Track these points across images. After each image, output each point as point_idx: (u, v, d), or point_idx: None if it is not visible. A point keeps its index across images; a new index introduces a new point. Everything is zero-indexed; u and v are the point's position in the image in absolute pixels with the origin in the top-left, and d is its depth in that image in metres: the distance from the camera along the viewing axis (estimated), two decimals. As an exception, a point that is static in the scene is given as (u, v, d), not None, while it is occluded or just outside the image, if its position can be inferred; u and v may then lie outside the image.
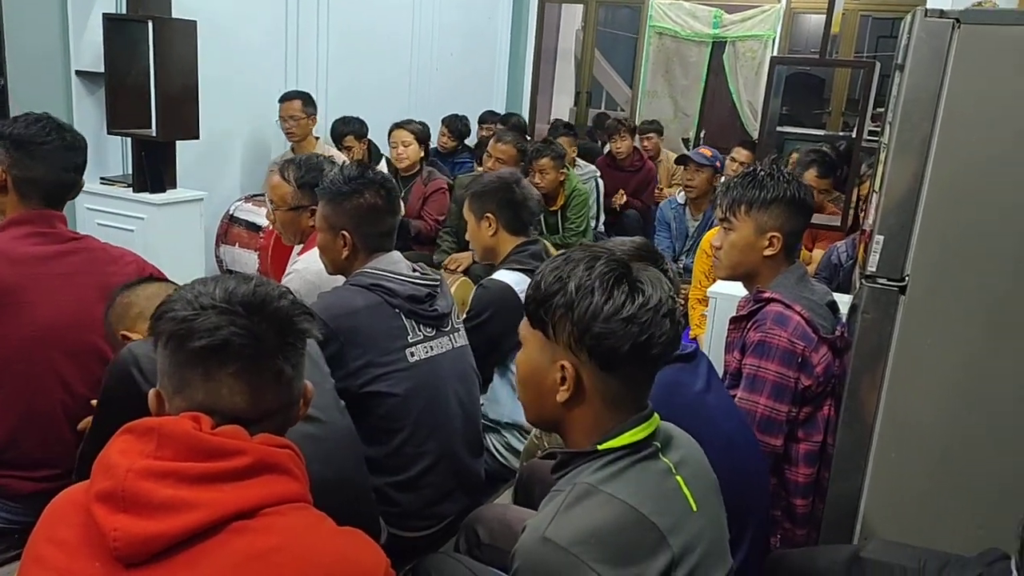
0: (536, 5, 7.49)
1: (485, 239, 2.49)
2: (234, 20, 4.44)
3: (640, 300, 1.10)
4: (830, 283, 3.15)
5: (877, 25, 7.50)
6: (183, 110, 3.56)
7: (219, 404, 1.00)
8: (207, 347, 0.98)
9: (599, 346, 1.09)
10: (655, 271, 1.17)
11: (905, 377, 1.68)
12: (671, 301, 1.14)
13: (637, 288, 1.11)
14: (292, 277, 2.35)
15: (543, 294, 1.14)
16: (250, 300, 1.02)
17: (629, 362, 1.11)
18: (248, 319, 1.00)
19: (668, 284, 1.16)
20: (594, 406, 1.14)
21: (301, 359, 1.06)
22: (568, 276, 1.12)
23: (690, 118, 7.09)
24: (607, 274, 1.11)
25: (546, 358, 1.15)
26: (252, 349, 0.99)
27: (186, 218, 3.72)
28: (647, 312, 1.09)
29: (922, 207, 1.60)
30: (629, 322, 1.09)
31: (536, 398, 1.19)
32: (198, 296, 1.01)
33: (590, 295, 1.10)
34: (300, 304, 1.07)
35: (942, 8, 1.54)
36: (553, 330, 1.13)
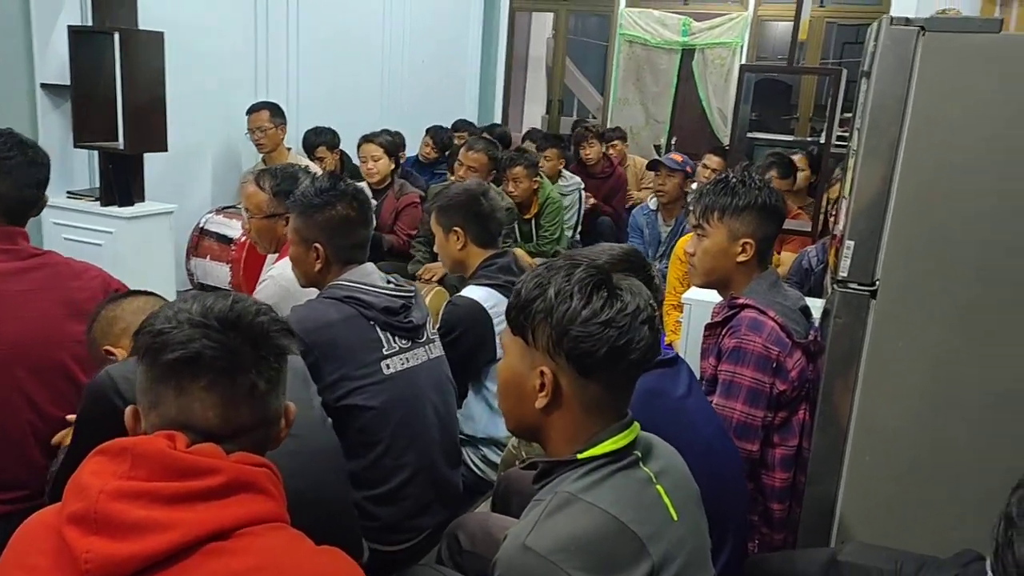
0: (507, 14, 7.51)
1: (454, 253, 2.46)
2: (202, 31, 4.40)
3: (618, 305, 1.11)
4: (802, 287, 3.18)
5: (842, 32, 7.62)
6: (151, 122, 3.52)
7: (192, 420, 0.99)
8: (179, 359, 0.97)
9: (576, 350, 1.10)
10: (635, 280, 1.18)
11: (877, 381, 1.70)
12: (650, 308, 1.15)
13: (616, 294, 1.12)
14: (267, 283, 2.34)
15: (523, 300, 1.15)
16: (226, 315, 1.01)
17: (607, 367, 1.11)
18: (222, 333, 1.00)
19: (648, 293, 1.17)
20: (573, 413, 1.14)
21: (277, 375, 1.05)
22: (548, 282, 1.13)
23: (661, 125, 7.15)
24: (586, 280, 1.12)
25: (526, 364, 1.16)
26: (224, 362, 0.99)
27: (155, 231, 3.68)
28: (625, 317, 1.11)
29: (891, 212, 1.62)
30: (607, 326, 1.09)
31: (516, 405, 1.19)
32: (177, 312, 1.02)
33: (568, 300, 1.11)
34: (278, 320, 1.07)
35: (907, 16, 1.57)
36: (532, 336, 1.14)
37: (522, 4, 7.67)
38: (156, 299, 1.71)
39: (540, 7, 7.96)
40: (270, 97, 4.70)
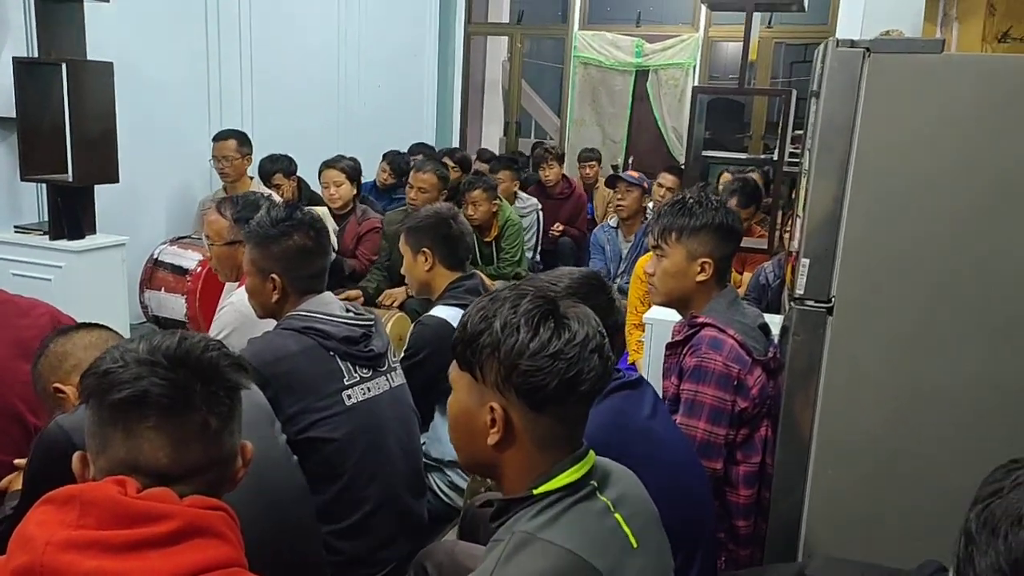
0: (462, 38, 7.56)
1: (421, 274, 2.48)
2: (154, 59, 4.36)
3: (567, 336, 1.09)
4: (760, 303, 3.22)
5: (790, 51, 7.79)
6: (101, 153, 3.46)
7: (141, 461, 0.96)
8: (126, 399, 0.95)
9: (526, 384, 1.08)
10: (583, 307, 1.16)
11: (837, 396, 1.72)
12: (600, 337, 1.13)
13: (563, 324, 1.10)
14: (226, 310, 2.30)
15: (469, 334, 1.12)
16: (173, 352, 0.99)
17: (558, 400, 1.09)
18: (170, 370, 0.97)
19: (597, 320, 1.15)
20: (526, 448, 1.12)
21: (229, 412, 1.03)
22: (494, 315, 1.11)
23: (618, 144, 7.23)
24: (533, 311, 1.10)
25: (475, 400, 1.13)
26: (172, 400, 0.96)
27: (107, 264, 3.60)
28: (574, 348, 1.09)
29: (844, 229, 1.65)
30: (555, 358, 1.07)
31: (468, 442, 1.16)
32: (124, 352, 0.99)
33: (516, 332, 1.08)
34: (229, 355, 1.04)
35: (852, 39, 1.60)
36: (480, 371, 1.11)
37: (477, 29, 7.73)
38: (108, 333, 1.66)
39: (495, 31, 8.03)
40: (224, 124, 4.65)
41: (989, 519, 0.78)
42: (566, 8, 7.31)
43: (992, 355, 1.61)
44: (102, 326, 1.70)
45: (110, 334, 1.66)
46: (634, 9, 7.29)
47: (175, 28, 4.55)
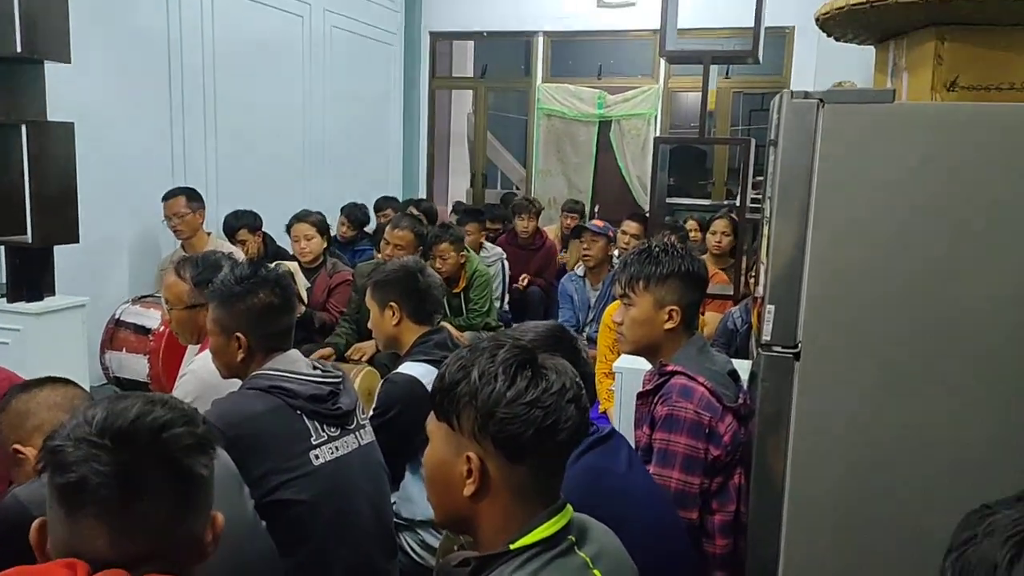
0: (427, 91, 7.65)
1: (388, 328, 2.45)
2: (116, 118, 4.34)
3: (543, 385, 1.09)
4: (728, 348, 3.24)
5: (749, 100, 8.01)
6: (61, 214, 3.41)
7: (82, 549, 0.91)
8: (65, 485, 0.91)
9: (502, 432, 1.07)
10: (560, 359, 1.17)
11: (808, 441, 1.72)
12: (576, 387, 1.13)
13: (540, 373, 1.11)
14: (187, 378, 2.25)
15: (447, 384, 1.12)
16: (126, 429, 0.93)
17: (535, 450, 1.09)
18: (116, 452, 0.91)
19: (574, 372, 1.16)
20: (502, 500, 1.11)
21: (185, 499, 0.97)
22: (472, 364, 1.11)
23: (583, 194, 7.32)
24: (510, 360, 1.10)
25: (451, 451, 1.12)
26: (112, 490, 0.91)
27: (67, 326, 3.52)
28: (551, 396, 1.09)
29: (807, 275, 1.67)
30: (532, 406, 1.07)
31: (444, 495, 1.15)
32: (76, 426, 0.94)
33: (493, 381, 1.08)
34: (194, 434, 0.98)
35: (806, 90, 1.65)
36: (458, 420, 1.11)
37: (441, 83, 7.83)
38: (74, 390, 1.60)
39: (459, 85, 8.14)
40: (188, 181, 4.63)
41: (965, 567, 0.77)
42: (529, 62, 7.45)
43: (960, 396, 1.63)
44: (68, 382, 1.64)
45: (76, 391, 1.60)
46: (595, 62, 7.45)
47: (138, 86, 4.56)
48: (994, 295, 1.59)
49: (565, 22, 7.11)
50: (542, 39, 7.28)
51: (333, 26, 6.31)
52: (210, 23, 5.02)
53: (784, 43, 6.52)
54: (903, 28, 1.75)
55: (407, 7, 7.39)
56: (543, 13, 7.11)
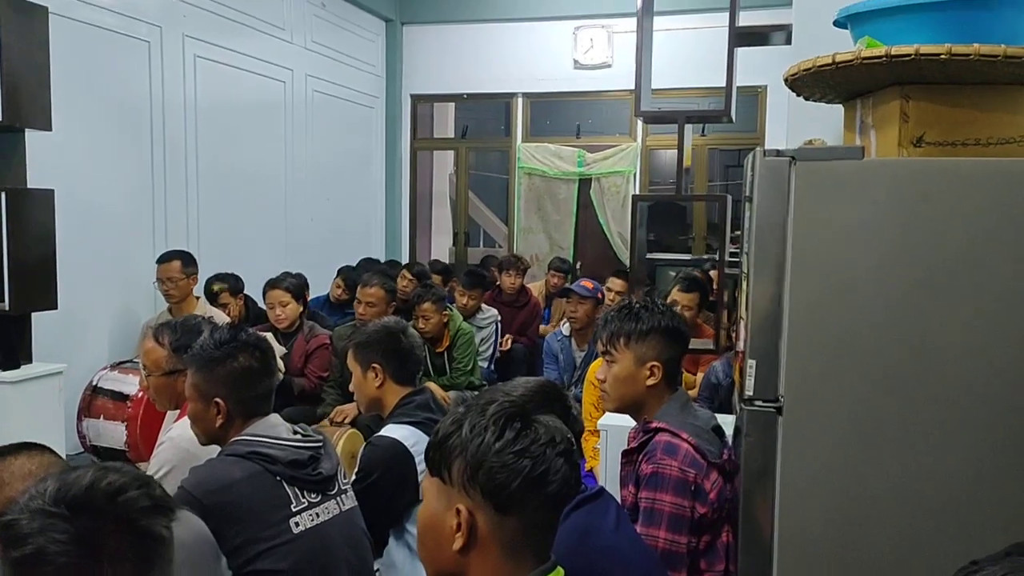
0: (408, 152, 7.75)
1: (371, 390, 2.42)
2: (96, 184, 4.35)
3: (532, 436, 1.11)
4: (712, 403, 3.23)
5: (725, 155, 8.15)
6: (40, 281, 3.39)
7: None
8: (20, 559, 0.88)
9: (491, 482, 1.08)
10: (552, 417, 1.17)
11: (794, 496, 1.70)
12: (567, 442, 1.14)
13: (530, 425, 1.12)
14: (165, 446, 2.20)
15: (440, 438, 1.14)
16: (81, 495, 0.91)
17: (524, 501, 1.09)
18: (72, 520, 0.90)
19: (564, 428, 1.17)
20: (493, 556, 1.10)
21: (146, 559, 0.95)
22: (464, 419, 1.13)
23: (565, 250, 7.37)
24: (499, 413, 1.12)
25: (442, 505, 1.12)
26: (70, 556, 0.89)
27: (43, 394, 3.46)
28: (539, 447, 1.10)
29: (786, 329, 1.68)
30: (520, 456, 1.08)
31: (434, 550, 1.14)
32: (32, 497, 0.92)
33: (483, 433, 1.10)
34: (153, 496, 0.97)
35: (778, 148, 1.68)
36: (448, 473, 1.12)
37: (423, 144, 7.94)
38: (50, 458, 1.55)
39: (440, 146, 8.26)
40: (170, 244, 4.62)
41: (954, 623, 0.76)
42: (509, 122, 7.58)
43: (944, 445, 1.63)
44: (45, 448, 1.60)
45: (52, 459, 1.55)
46: (574, 122, 7.59)
47: (120, 151, 4.58)
48: (970, 343, 1.60)
49: (543, 83, 7.26)
50: (521, 100, 7.42)
51: (315, 90, 6.41)
52: (192, 89, 5.08)
53: (757, 101, 6.69)
54: (869, 87, 1.80)
55: (388, 71, 7.53)
56: (522, 75, 7.27)
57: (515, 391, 1.63)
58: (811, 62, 1.74)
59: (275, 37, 5.89)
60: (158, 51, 4.81)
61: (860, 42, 1.75)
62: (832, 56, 1.69)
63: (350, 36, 6.92)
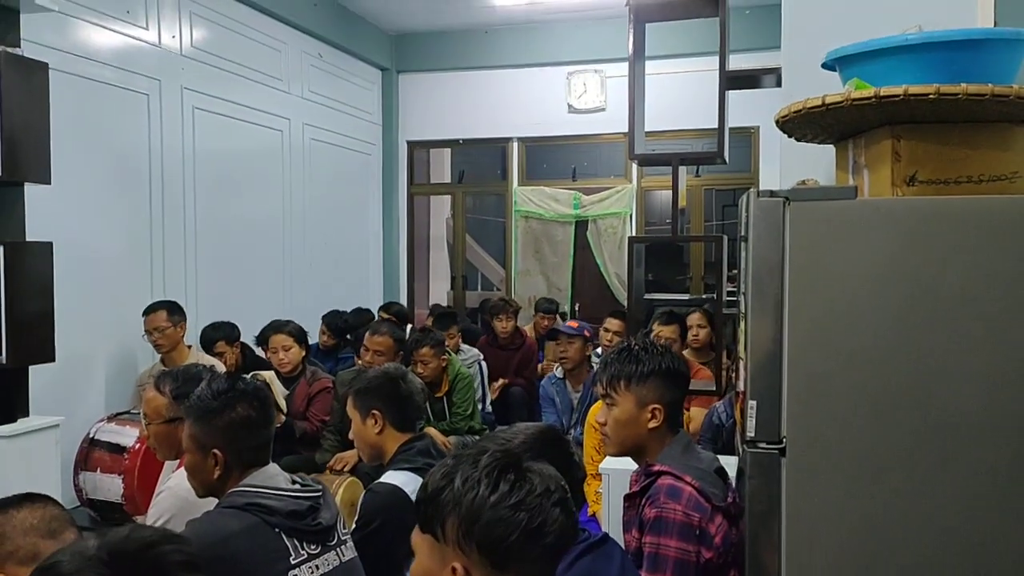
0: (405, 197, 7.80)
1: (371, 437, 2.41)
2: (94, 236, 4.37)
3: (527, 487, 1.08)
4: (715, 443, 3.21)
5: (721, 195, 8.21)
6: (37, 333, 3.37)
7: None
8: None
9: (488, 537, 1.05)
10: (545, 464, 1.15)
11: (801, 538, 1.68)
12: (562, 490, 1.12)
13: (524, 476, 1.10)
14: (164, 495, 2.18)
15: (430, 493, 1.11)
16: (120, 545, 0.96)
17: (521, 556, 1.06)
18: (111, 566, 0.94)
19: (558, 475, 1.15)
20: None
21: None
22: (455, 472, 1.10)
23: (563, 292, 7.38)
24: (492, 465, 1.10)
25: (436, 564, 1.09)
26: None
27: (39, 448, 3.42)
28: (535, 499, 1.08)
29: (786, 369, 1.67)
30: (516, 509, 1.06)
31: None
32: (75, 548, 0.97)
33: (476, 487, 1.08)
34: (184, 551, 0.99)
35: (772, 189, 1.69)
36: (442, 530, 1.09)
37: (419, 189, 8.00)
38: (53, 510, 1.53)
39: (437, 191, 8.32)
40: (168, 294, 4.63)
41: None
42: (505, 166, 7.65)
43: (950, 483, 1.61)
44: (48, 500, 1.58)
45: (54, 512, 1.53)
46: (569, 165, 7.66)
47: (118, 202, 4.61)
48: (970, 378, 1.59)
49: (538, 128, 7.34)
50: (517, 144, 7.50)
51: (312, 139, 6.48)
52: (191, 139, 5.13)
53: (750, 141, 6.76)
54: (859, 128, 1.82)
55: (385, 118, 7.61)
56: (517, 120, 7.35)
57: (516, 438, 1.63)
58: (801, 104, 1.77)
59: (273, 88, 5.97)
60: (157, 103, 4.87)
61: (849, 84, 1.77)
62: (822, 98, 1.71)
63: (347, 85, 7.02)
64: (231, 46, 5.48)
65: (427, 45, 7.50)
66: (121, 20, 4.61)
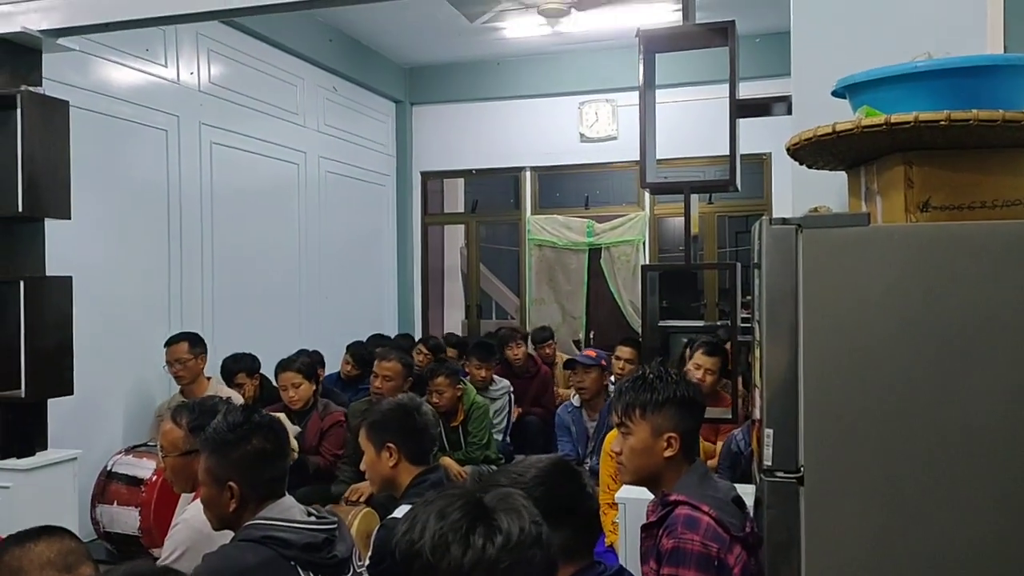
0: (419, 227, 7.85)
1: (385, 470, 2.39)
2: (113, 270, 4.42)
3: (501, 540, 1.05)
4: (733, 471, 3.18)
5: (734, 222, 8.20)
6: (56, 367, 3.40)
7: None
8: None
9: None
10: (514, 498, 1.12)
11: (821, 568, 1.66)
12: (535, 527, 1.09)
13: (493, 527, 1.06)
14: (180, 527, 2.18)
15: (401, 558, 1.07)
16: None
17: None
18: None
19: (533, 511, 1.12)
20: None
21: None
22: (421, 534, 1.06)
23: (578, 320, 7.37)
24: (460, 521, 1.06)
25: None
26: None
27: (58, 481, 3.43)
28: (510, 553, 1.05)
29: (802, 396, 1.66)
30: (494, 566, 1.03)
31: None
32: None
33: (447, 551, 1.04)
34: None
35: (784, 216, 1.70)
36: None
37: (433, 219, 8.05)
38: (70, 543, 1.54)
39: (451, 221, 8.36)
40: (185, 326, 4.66)
41: None
42: (518, 195, 7.69)
43: (965, 508, 1.59)
44: (65, 532, 1.58)
45: (71, 545, 1.54)
46: (582, 193, 7.69)
47: (136, 236, 4.66)
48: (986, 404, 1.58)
49: (550, 157, 7.39)
50: (529, 174, 7.54)
51: (327, 171, 6.55)
52: (208, 173, 5.21)
53: (762, 168, 6.77)
54: (871, 154, 1.82)
55: (399, 150, 7.69)
56: (529, 150, 7.41)
57: (528, 472, 1.62)
58: (812, 132, 1.77)
59: (289, 121, 6.06)
60: (175, 139, 4.95)
61: (859, 111, 1.78)
62: (832, 125, 1.72)
63: (361, 118, 7.10)
64: (248, 81, 5.58)
65: (440, 77, 7.59)
66: (141, 58, 4.70)
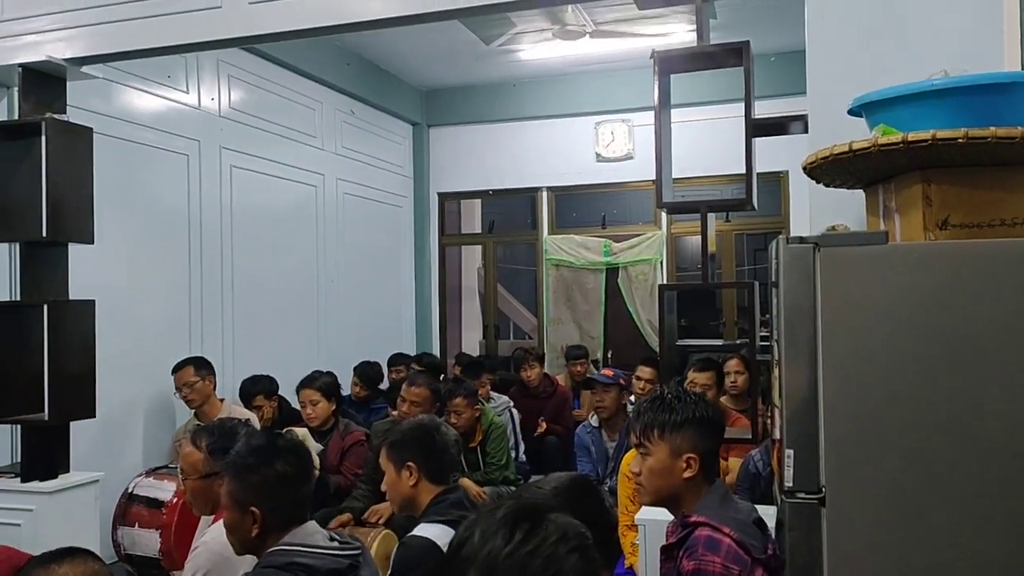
0: (437, 248, 7.88)
1: (405, 490, 2.40)
2: (134, 293, 4.47)
3: (542, 534, 1.08)
4: (752, 493, 3.15)
5: (752, 240, 8.17)
6: (79, 390, 3.43)
7: None
8: None
9: None
10: (565, 515, 1.14)
11: (845, 591, 1.64)
12: (581, 536, 1.11)
13: (539, 524, 1.10)
14: (199, 551, 2.19)
15: (452, 550, 1.12)
16: None
17: None
18: None
19: (576, 523, 1.14)
20: None
21: None
22: (475, 526, 1.11)
23: (595, 340, 7.35)
24: (508, 516, 1.10)
25: None
26: None
27: (79, 503, 3.45)
28: (549, 546, 1.07)
29: (823, 416, 1.65)
30: (531, 557, 1.06)
31: None
32: None
33: (492, 538, 1.08)
34: None
35: (802, 235, 1.69)
36: None
37: (451, 240, 8.08)
38: (94, 565, 1.55)
39: (468, 241, 8.39)
40: (205, 348, 4.70)
41: None
42: (535, 215, 7.71)
43: (991, 528, 1.56)
44: (89, 554, 1.59)
45: (95, 567, 1.56)
46: (598, 212, 7.69)
47: (157, 259, 4.72)
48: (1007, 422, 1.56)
49: (567, 177, 7.41)
50: (546, 194, 7.57)
51: (345, 193, 6.61)
52: (228, 197, 5.27)
53: (779, 186, 6.75)
54: (888, 173, 1.81)
55: (416, 171, 7.75)
56: (545, 170, 7.44)
57: (547, 486, 1.62)
58: (828, 150, 1.77)
59: (307, 145, 6.13)
60: (196, 163, 5.02)
61: (876, 129, 1.78)
62: (849, 144, 1.72)
63: (379, 140, 7.17)
64: (267, 106, 5.66)
65: (457, 99, 7.65)
66: (163, 85, 4.78)
